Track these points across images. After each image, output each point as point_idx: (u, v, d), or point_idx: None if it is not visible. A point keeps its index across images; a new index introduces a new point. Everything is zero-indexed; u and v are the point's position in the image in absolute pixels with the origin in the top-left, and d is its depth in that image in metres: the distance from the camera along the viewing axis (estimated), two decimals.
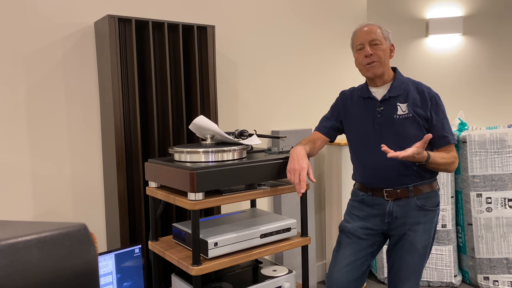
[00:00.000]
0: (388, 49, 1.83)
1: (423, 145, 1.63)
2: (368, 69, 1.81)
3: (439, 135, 1.78)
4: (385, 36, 1.82)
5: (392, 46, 1.86)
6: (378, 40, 1.79)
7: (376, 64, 1.79)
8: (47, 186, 2.09)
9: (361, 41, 1.81)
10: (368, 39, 1.79)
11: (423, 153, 1.66)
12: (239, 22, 2.68)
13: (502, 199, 2.94)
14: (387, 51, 1.82)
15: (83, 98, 2.17)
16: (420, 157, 1.66)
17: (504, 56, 3.85)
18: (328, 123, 1.97)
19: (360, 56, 1.82)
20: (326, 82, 3.14)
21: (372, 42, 1.79)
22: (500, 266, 2.95)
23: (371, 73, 1.81)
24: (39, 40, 2.04)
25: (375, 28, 1.81)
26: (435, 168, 1.77)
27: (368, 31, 1.80)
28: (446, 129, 1.79)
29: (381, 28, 1.82)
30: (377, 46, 1.79)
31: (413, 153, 1.61)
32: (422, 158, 1.67)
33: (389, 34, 1.85)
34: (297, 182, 1.67)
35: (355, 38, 1.85)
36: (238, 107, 2.71)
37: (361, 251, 1.86)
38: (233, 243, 1.74)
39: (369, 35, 1.79)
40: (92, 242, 0.80)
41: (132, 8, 2.27)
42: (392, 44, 1.86)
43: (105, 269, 1.93)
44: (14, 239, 0.72)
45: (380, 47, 1.79)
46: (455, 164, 1.81)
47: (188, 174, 1.59)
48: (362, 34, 1.81)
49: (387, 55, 1.82)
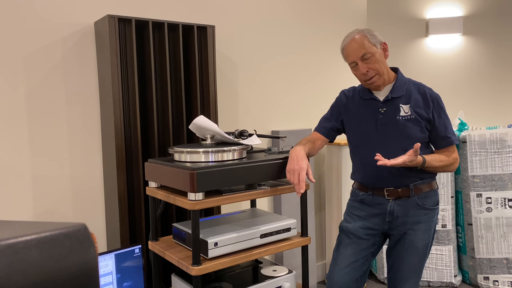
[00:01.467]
0: (381, 54, 1.78)
1: (415, 153, 1.64)
2: (369, 84, 1.80)
3: (442, 136, 1.79)
4: (373, 43, 1.76)
5: (385, 44, 1.80)
6: (369, 52, 1.74)
7: (375, 77, 1.78)
8: (47, 186, 2.09)
9: (352, 59, 1.78)
10: (359, 55, 1.75)
11: (417, 159, 1.68)
12: (239, 22, 2.68)
13: (502, 199, 2.94)
14: (382, 58, 1.78)
15: (83, 98, 2.17)
16: (414, 164, 1.69)
17: (504, 56, 3.85)
18: (327, 124, 1.97)
19: (358, 73, 1.80)
20: (326, 82, 3.14)
21: (364, 57, 1.75)
22: (500, 266, 2.95)
23: (373, 86, 1.81)
24: (39, 40, 2.05)
25: (361, 39, 1.75)
26: (432, 170, 1.80)
27: (357, 46, 1.75)
28: (448, 130, 1.80)
29: (366, 36, 1.76)
30: (370, 60, 1.75)
31: (404, 161, 1.64)
32: (417, 164, 1.70)
33: (377, 36, 1.78)
34: (297, 182, 1.67)
35: (345, 55, 1.82)
36: (238, 107, 2.71)
37: (361, 251, 1.86)
38: (233, 243, 1.74)
39: (358, 50, 1.75)
40: (92, 242, 0.80)
41: (132, 8, 2.27)
42: (383, 42, 1.80)
43: (105, 269, 1.93)
44: (14, 239, 0.72)
45: (373, 59, 1.75)
46: (455, 164, 1.82)
47: (188, 174, 1.59)
48: (351, 51, 1.77)
49: (383, 61, 1.79)
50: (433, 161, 1.75)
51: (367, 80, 1.79)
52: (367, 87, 1.85)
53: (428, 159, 1.73)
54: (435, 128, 1.79)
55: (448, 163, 1.79)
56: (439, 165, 1.77)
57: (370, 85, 1.81)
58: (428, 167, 1.75)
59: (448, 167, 1.80)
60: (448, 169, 1.81)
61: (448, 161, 1.79)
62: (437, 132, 1.79)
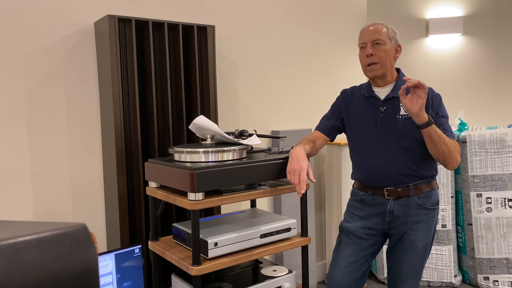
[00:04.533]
0: (392, 50, 1.80)
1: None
2: (369, 70, 1.81)
3: None
4: (391, 37, 1.80)
5: (399, 47, 1.84)
6: (381, 40, 1.78)
7: (377, 66, 1.79)
8: (47, 186, 2.09)
9: (364, 40, 1.81)
10: (372, 39, 1.78)
11: (423, 113, 1.61)
12: (239, 22, 2.68)
13: (502, 199, 2.94)
14: (391, 52, 1.80)
15: (83, 98, 2.17)
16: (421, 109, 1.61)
17: (504, 56, 3.85)
18: (328, 122, 1.97)
19: (363, 54, 1.83)
20: (326, 82, 3.14)
21: (375, 41, 1.78)
22: (500, 266, 2.95)
23: (371, 74, 1.82)
24: (39, 40, 2.04)
25: (381, 27, 1.80)
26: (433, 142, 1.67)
27: (373, 30, 1.80)
28: (444, 126, 1.77)
29: (387, 27, 1.81)
30: (379, 46, 1.78)
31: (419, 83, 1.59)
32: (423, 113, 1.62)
33: (396, 34, 1.83)
34: (297, 182, 1.67)
35: (360, 35, 1.85)
36: (238, 107, 2.71)
37: (361, 251, 1.86)
38: (233, 243, 1.74)
39: (373, 34, 1.79)
40: (92, 242, 0.80)
41: (132, 8, 2.27)
42: (399, 45, 1.84)
43: (105, 269, 1.93)
44: (14, 239, 0.72)
45: (382, 48, 1.78)
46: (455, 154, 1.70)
47: (188, 174, 1.59)
48: (366, 33, 1.81)
49: (390, 56, 1.80)
50: (438, 129, 1.66)
51: (368, 65, 1.80)
52: (365, 74, 1.85)
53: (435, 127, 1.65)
54: None
55: (451, 146, 1.68)
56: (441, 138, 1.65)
57: (369, 73, 1.82)
58: (431, 130, 1.64)
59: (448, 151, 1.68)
60: (447, 155, 1.69)
61: (451, 145, 1.69)
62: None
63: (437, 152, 1.69)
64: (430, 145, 1.69)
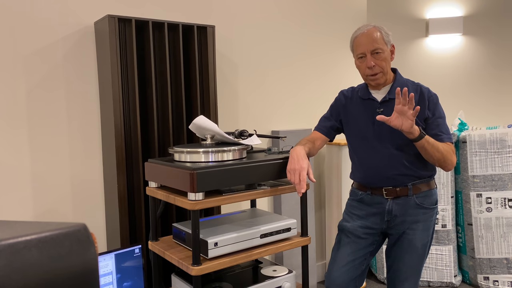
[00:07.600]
0: (389, 55, 1.80)
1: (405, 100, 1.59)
2: (372, 80, 1.80)
3: (432, 134, 1.75)
4: (386, 41, 1.78)
5: (393, 47, 1.83)
6: (380, 48, 1.75)
7: (379, 75, 1.78)
8: (47, 186, 2.09)
9: (362, 50, 1.78)
10: (370, 48, 1.76)
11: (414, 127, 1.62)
12: (239, 22, 2.68)
13: (502, 199, 2.94)
14: (389, 57, 1.80)
15: (83, 98, 2.17)
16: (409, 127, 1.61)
17: (504, 56, 3.85)
18: (327, 123, 1.98)
19: (363, 65, 1.80)
20: (326, 82, 3.14)
21: (374, 51, 1.76)
22: (500, 266, 2.95)
23: (374, 83, 1.81)
24: (39, 40, 2.05)
25: (376, 33, 1.76)
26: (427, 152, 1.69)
27: (370, 38, 1.76)
28: (440, 128, 1.77)
29: (381, 31, 1.78)
30: (378, 55, 1.76)
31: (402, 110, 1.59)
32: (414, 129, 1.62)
33: (389, 36, 1.80)
34: (297, 182, 1.67)
35: (355, 44, 1.82)
36: (238, 107, 2.71)
37: (360, 250, 1.86)
38: (233, 243, 1.74)
39: (371, 44, 1.75)
40: (92, 242, 0.80)
41: (132, 8, 2.27)
42: (392, 45, 1.82)
43: (105, 269, 1.93)
44: (14, 239, 0.72)
45: (381, 56, 1.76)
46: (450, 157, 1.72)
47: (188, 174, 1.59)
48: (363, 42, 1.77)
49: (389, 61, 1.80)
50: (430, 139, 1.68)
51: (371, 76, 1.79)
52: (367, 82, 1.85)
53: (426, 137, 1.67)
54: (427, 125, 1.78)
55: (444, 151, 1.70)
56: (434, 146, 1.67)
57: (372, 81, 1.81)
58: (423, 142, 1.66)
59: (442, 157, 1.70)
60: (442, 160, 1.71)
61: (444, 150, 1.71)
62: (429, 129, 1.77)
63: (432, 159, 1.73)
64: (425, 154, 1.72)
